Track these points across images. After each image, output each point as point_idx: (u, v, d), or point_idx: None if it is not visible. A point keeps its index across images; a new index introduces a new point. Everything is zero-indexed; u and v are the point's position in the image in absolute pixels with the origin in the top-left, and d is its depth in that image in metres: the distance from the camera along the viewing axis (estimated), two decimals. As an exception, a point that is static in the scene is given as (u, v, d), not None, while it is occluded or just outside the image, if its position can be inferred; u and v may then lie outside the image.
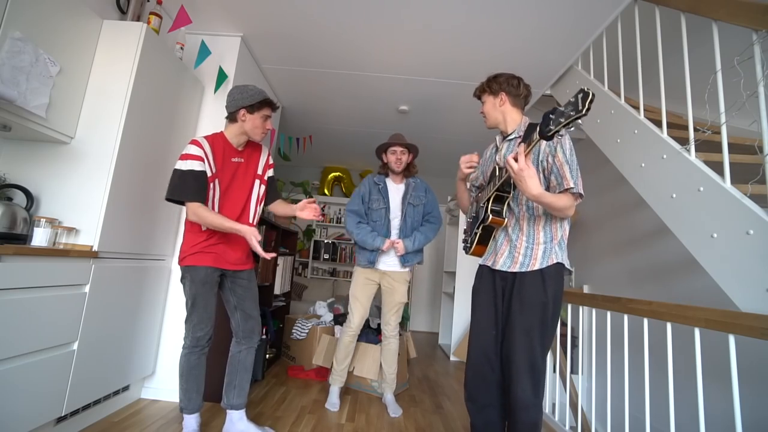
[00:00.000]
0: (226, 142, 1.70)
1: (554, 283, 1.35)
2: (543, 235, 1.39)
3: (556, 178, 1.32)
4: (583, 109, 0.98)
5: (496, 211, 1.42)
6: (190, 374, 1.65)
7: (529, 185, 1.18)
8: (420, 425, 2.14)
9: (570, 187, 1.28)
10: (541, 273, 1.36)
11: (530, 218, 1.42)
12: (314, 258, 5.65)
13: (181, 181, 1.55)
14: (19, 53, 1.41)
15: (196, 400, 1.68)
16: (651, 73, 1.87)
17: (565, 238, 1.41)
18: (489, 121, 1.55)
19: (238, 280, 1.76)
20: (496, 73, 1.52)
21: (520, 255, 1.40)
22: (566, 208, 1.29)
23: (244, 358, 1.79)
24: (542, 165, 1.36)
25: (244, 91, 1.66)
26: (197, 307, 1.63)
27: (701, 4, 1.49)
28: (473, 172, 1.61)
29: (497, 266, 1.45)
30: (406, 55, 2.67)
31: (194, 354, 1.65)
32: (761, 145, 1.26)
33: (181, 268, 1.65)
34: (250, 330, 1.79)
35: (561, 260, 1.37)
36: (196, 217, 1.57)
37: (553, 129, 1.05)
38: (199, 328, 1.63)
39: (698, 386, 1.32)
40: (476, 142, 4.23)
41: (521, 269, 1.39)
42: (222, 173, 1.66)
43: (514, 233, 1.44)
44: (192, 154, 1.57)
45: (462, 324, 3.96)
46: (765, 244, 1.19)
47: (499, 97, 1.49)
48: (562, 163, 1.31)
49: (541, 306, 1.33)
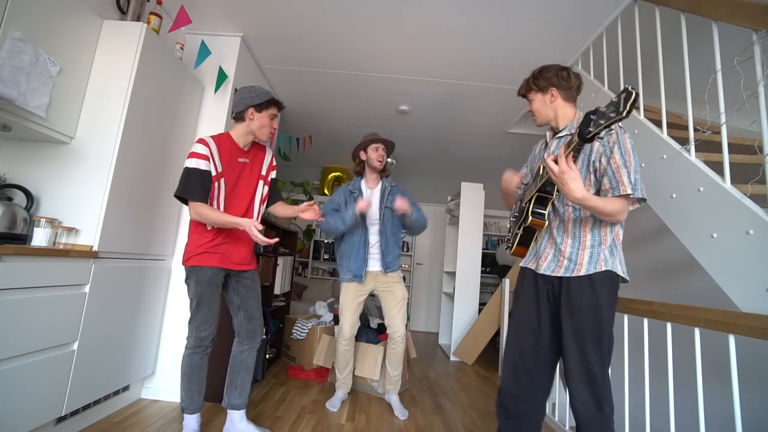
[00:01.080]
0: (232, 142, 1.71)
1: (606, 290, 1.24)
2: (590, 239, 1.28)
3: (610, 181, 1.21)
4: (624, 111, 0.92)
5: (538, 212, 1.33)
6: (193, 374, 1.65)
7: (572, 188, 1.11)
8: (420, 425, 2.14)
9: (626, 193, 1.17)
10: (589, 279, 1.24)
11: (576, 220, 1.31)
12: (314, 258, 5.65)
13: (186, 179, 1.58)
14: (19, 53, 1.41)
15: (197, 400, 1.68)
16: (651, 73, 1.87)
17: (618, 243, 1.30)
18: (539, 119, 1.44)
19: (242, 281, 1.77)
20: (540, 67, 1.41)
21: (565, 259, 1.30)
22: (617, 213, 1.18)
23: (245, 359, 1.79)
24: (594, 165, 1.26)
25: (252, 91, 1.70)
26: (202, 308, 1.63)
27: (701, 4, 1.49)
28: (519, 190, 1.53)
29: (540, 270, 1.36)
30: (406, 55, 2.67)
31: (197, 354, 1.65)
32: (761, 145, 1.25)
33: (186, 268, 1.65)
34: (252, 330, 1.79)
35: (611, 267, 1.25)
36: (198, 215, 1.59)
37: (593, 131, 1.00)
38: (203, 329, 1.64)
39: (698, 386, 1.32)
40: (476, 143, 4.24)
41: (566, 274, 1.28)
42: (228, 173, 1.67)
43: (558, 235, 1.34)
44: (198, 152, 1.59)
45: (462, 324, 3.96)
46: (765, 244, 1.19)
47: (549, 93, 1.38)
48: (618, 166, 1.20)
49: (592, 310, 1.22)
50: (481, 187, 4.12)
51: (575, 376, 1.22)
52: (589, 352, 1.20)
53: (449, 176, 5.56)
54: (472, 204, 4.08)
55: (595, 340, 1.21)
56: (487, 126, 3.77)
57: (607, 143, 1.22)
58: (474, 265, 4.04)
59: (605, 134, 0.98)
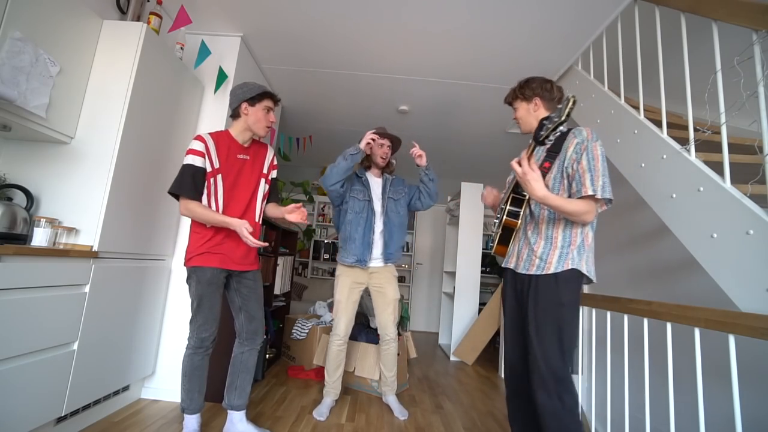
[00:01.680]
0: (231, 139, 1.71)
1: (569, 288, 1.33)
2: (561, 239, 1.37)
3: (576, 184, 1.32)
4: (563, 116, 1.10)
5: (512, 212, 1.45)
6: (194, 374, 1.65)
7: (533, 187, 1.23)
8: (420, 425, 2.14)
9: (587, 194, 1.27)
10: (555, 277, 1.34)
11: (550, 221, 1.41)
12: (314, 258, 5.65)
13: (179, 175, 1.59)
14: (19, 53, 1.41)
15: (197, 401, 1.68)
16: (651, 73, 1.86)
17: (586, 245, 1.37)
18: (523, 126, 1.55)
19: (244, 281, 1.76)
20: (526, 78, 1.52)
21: (537, 258, 1.39)
22: (580, 213, 1.27)
23: (246, 360, 1.78)
24: (567, 171, 1.36)
25: (244, 86, 1.71)
26: (203, 308, 1.63)
27: (701, 4, 1.49)
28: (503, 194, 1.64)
29: (519, 269, 1.45)
30: (406, 55, 2.67)
31: (198, 354, 1.65)
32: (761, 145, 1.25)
33: (187, 269, 1.65)
34: (253, 331, 1.79)
35: (576, 266, 1.34)
36: (188, 212, 1.59)
37: (544, 134, 1.16)
38: (204, 329, 1.63)
39: (698, 386, 1.32)
40: (476, 143, 4.23)
41: (537, 272, 1.37)
42: (226, 169, 1.67)
43: (533, 236, 1.43)
44: (193, 149, 1.60)
45: (462, 324, 3.96)
46: (765, 244, 1.19)
47: (533, 103, 1.49)
48: (584, 170, 1.30)
49: (555, 306, 1.31)
50: (481, 187, 4.12)
51: (536, 369, 1.30)
52: (551, 345, 1.30)
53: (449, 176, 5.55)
54: (472, 204, 4.09)
55: (557, 336, 1.30)
56: (487, 126, 3.76)
57: (579, 150, 1.33)
58: (474, 265, 4.04)
59: (559, 131, 1.14)
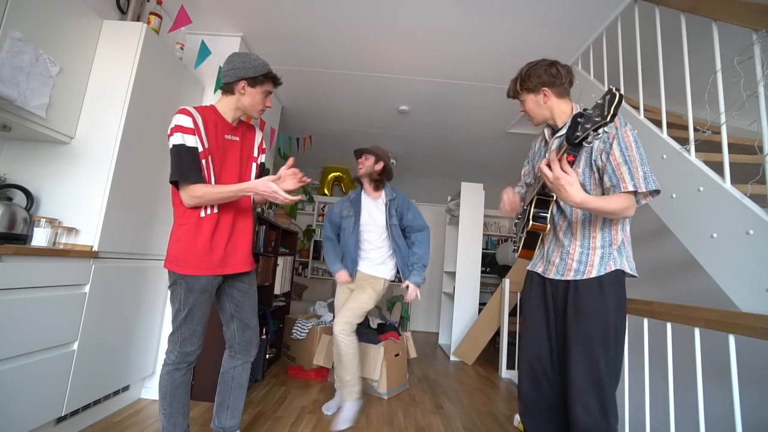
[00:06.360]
0: (218, 116, 1.47)
1: (615, 291, 1.19)
2: (600, 239, 1.22)
3: (611, 179, 1.15)
4: (609, 114, 0.88)
5: (539, 216, 1.27)
6: (175, 395, 1.40)
7: (569, 192, 1.05)
8: (420, 425, 2.14)
9: (628, 190, 1.12)
10: (598, 281, 1.20)
11: (585, 221, 1.24)
12: (314, 258, 5.64)
13: (178, 159, 1.33)
14: (19, 53, 1.41)
15: (182, 425, 1.43)
16: (651, 73, 1.86)
17: (627, 242, 1.25)
18: (536, 119, 1.36)
19: (238, 284, 1.54)
20: (527, 66, 1.33)
21: (573, 261, 1.24)
22: (622, 210, 1.12)
23: (239, 375, 1.57)
24: (596, 164, 1.20)
25: (247, 61, 1.45)
26: (191, 320, 1.39)
27: (701, 4, 1.49)
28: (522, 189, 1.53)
29: (549, 275, 1.30)
30: (406, 55, 2.67)
31: (180, 371, 1.41)
32: (761, 145, 1.25)
33: (173, 274, 1.39)
34: (247, 342, 1.57)
35: (620, 266, 1.21)
36: (196, 199, 1.35)
37: (581, 136, 0.96)
38: (189, 343, 1.40)
39: (698, 386, 1.32)
40: (476, 142, 4.23)
41: (575, 277, 1.23)
42: (214, 150, 1.43)
43: (566, 238, 1.28)
44: (181, 125, 1.34)
45: (462, 324, 3.96)
46: (765, 244, 1.19)
47: (541, 93, 1.30)
48: (618, 163, 1.14)
49: (601, 315, 1.17)
50: (481, 187, 4.12)
51: (582, 381, 1.15)
52: (597, 357, 1.15)
53: (449, 176, 5.56)
54: (472, 204, 4.09)
55: (604, 347, 1.16)
56: (487, 126, 3.77)
57: (607, 139, 1.16)
58: (474, 265, 4.04)
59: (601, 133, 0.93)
